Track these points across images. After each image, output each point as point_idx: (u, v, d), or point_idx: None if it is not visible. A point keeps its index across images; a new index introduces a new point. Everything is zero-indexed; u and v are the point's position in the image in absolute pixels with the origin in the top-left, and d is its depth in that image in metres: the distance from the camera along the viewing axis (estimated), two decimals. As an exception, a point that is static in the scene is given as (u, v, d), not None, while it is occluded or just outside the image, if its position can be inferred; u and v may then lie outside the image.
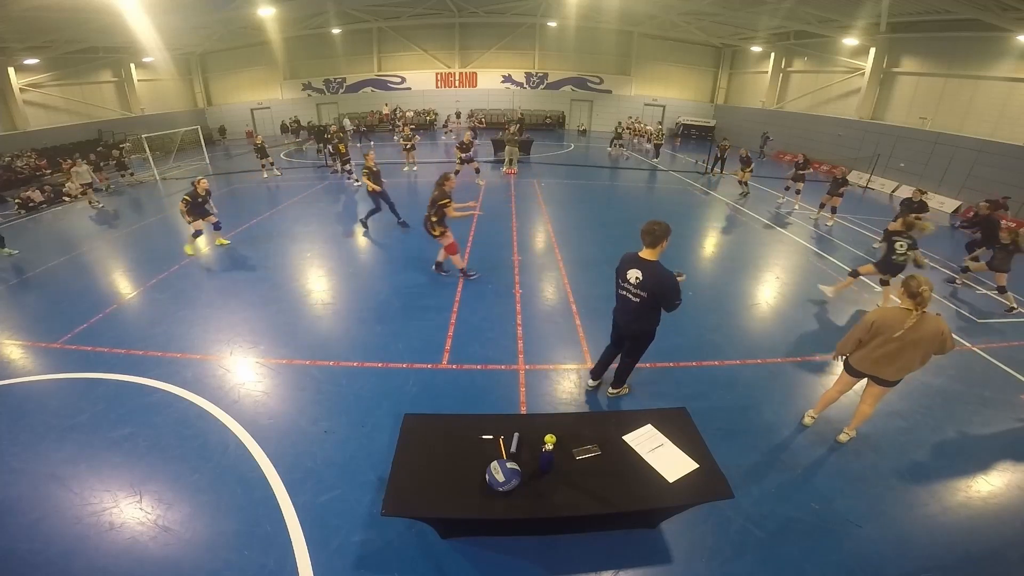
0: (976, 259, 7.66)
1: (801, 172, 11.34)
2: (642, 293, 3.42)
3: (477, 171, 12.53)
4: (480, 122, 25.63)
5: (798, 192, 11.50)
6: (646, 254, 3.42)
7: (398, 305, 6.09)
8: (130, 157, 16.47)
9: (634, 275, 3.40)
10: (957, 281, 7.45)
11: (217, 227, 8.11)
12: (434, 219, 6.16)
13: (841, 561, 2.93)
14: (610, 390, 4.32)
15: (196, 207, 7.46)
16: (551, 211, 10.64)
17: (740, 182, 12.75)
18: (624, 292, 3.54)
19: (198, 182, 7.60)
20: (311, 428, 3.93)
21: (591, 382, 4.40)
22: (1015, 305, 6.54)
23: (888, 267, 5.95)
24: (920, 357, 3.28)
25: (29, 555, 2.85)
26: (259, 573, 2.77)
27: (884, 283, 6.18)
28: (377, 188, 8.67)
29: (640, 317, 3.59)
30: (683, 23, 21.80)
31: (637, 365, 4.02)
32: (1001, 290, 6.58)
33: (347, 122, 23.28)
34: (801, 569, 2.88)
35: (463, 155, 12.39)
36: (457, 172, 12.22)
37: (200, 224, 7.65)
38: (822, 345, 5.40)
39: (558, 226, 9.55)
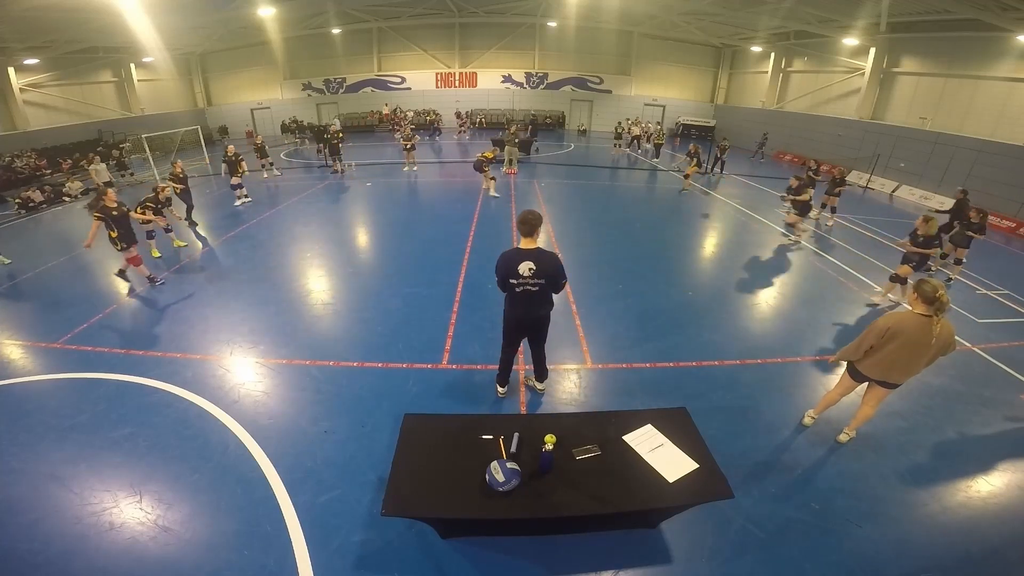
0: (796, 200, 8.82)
1: (814, 179, 11.16)
2: (540, 281, 3.53)
3: (493, 179, 11.95)
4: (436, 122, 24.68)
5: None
6: (529, 243, 3.52)
7: (398, 305, 6.09)
8: (130, 157, 16.48)
9: (527, 267, 3.47)
10: (950, 277, 7.63)
11: (167, 230, 8.24)
12: (114, 235, 6.22)
13: (841, 561, 2.93)
14: (538, 385, 4.34)
15: (155, 212, 7.65)
16: (551, 211, 10.62)
17: (680, 171, 12.74)
18: (522, 288, 3.56)
19: (161, 189, 7.85)
20: (311, 428, 3.93)
21: (501, 390, 4.25)
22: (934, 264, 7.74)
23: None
24: (928, 360, 3.28)
25: (29, 555, 2.85)
26: (259, 573, 2.77)
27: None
28: (178, 188, 9.09)
29: (543, 303, 3.72)
30: (683, 23, 21.79)
31: (638, 365, 3.99)
32: (958, 261, 7.63)
33: (337, 123, 23.22)
34: (801, 569, 2.88)
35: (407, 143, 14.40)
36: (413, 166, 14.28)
37: (150, 225, 7.69)
38: (822, 345, 5.41)
39: (558, 226, 9.54)
